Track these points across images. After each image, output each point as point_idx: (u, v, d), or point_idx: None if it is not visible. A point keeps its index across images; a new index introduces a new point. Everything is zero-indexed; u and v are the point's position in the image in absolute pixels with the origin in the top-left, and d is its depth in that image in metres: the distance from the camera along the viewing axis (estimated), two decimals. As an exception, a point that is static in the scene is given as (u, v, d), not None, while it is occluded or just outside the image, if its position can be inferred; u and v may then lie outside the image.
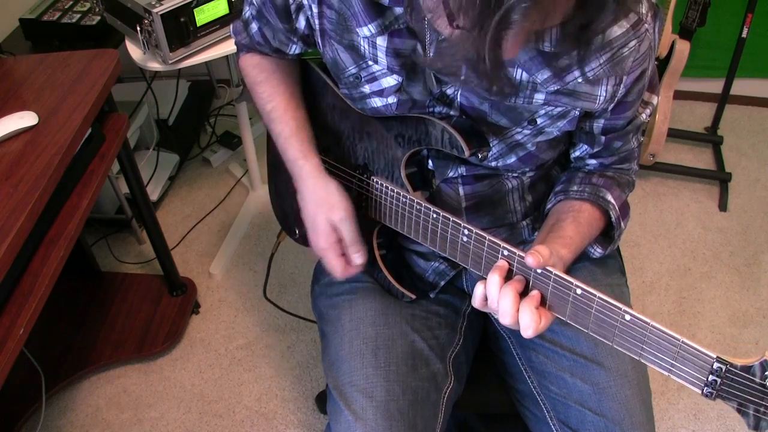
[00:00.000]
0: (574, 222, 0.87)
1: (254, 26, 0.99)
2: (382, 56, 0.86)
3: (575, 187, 0.93)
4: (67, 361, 1.73)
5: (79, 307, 1.86)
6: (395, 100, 0.88)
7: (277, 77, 1.01)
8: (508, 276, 0.77)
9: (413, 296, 0.99)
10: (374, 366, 0.93)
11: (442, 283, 1.03)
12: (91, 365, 1.73)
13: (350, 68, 0.90)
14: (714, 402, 1.59)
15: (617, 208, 0.91)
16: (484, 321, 1.11)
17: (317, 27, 0.90)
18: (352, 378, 0.93)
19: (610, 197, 0.91)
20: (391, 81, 0.87)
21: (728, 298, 1.87)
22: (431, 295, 1.04)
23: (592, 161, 0.96)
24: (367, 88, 0.90)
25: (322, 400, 1.65)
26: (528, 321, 0.73)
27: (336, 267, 0.93)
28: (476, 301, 0.78)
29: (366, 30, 0.85)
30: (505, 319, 0.75)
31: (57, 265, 1.17)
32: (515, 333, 1.04)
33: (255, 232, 2.15)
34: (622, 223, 0.93)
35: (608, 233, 0.96)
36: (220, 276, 2.01)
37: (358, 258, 0.92)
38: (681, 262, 1.98)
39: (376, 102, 0.90)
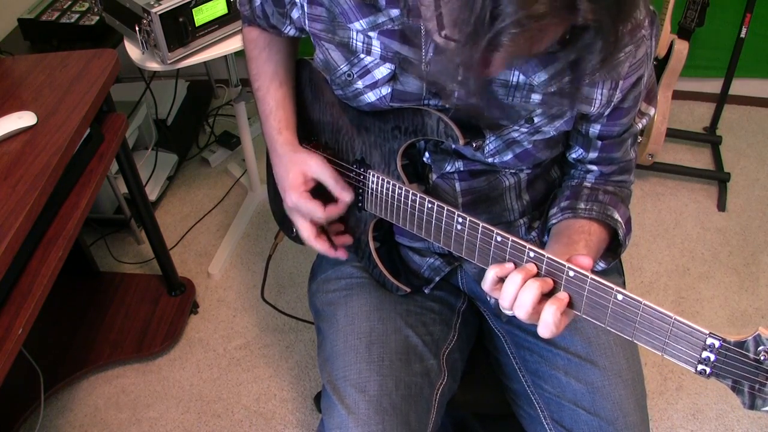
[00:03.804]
0: (586, 246, 0.87)
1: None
2: (376, 44, 0.86)
3: (582, 205, 0.92)
4: (66, 361, 1.73)
5: (77, 307, 1.86)
6: (389, 90, 0.88)
7: (266, 55, 1.03)
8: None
9: (407, 289, 1.00)
10: (368, 361, 0.93)
11: (437, 278, 1.03)
12: (90, 365, 1.73)
13: (342, 66, 0.90)
14: (713, 403, 1.61)
15: (623, 225, 0.92)
16: (480, 319, 1.11)
17: (308, 28, 0.92)
18: (345, 373, 0.93)
19: (617, 216, 0.91)
20: (384, 71, 0.88)
21: (727, 298, 1.87)
22: (426, 291, 1.04)
23: (593, 167, 0.96)
24: (359, 84, 0.90)
25: (320, 400, 1.65)
26: (549, 319, 0.71)
27: (314, 212, 0.93)
28: (486, 284, 0.76)
29: (358, 25, 0.86)
30: (520, 311, 0.73)
31: (56, 265, 1.17)
32: (510, 332, 1.04)
33: (254, 231, 2.15)
34: (626, 240, 0.93)
35: (610, 248, 0.96)
36: (219, 276, 2.01)
37: (346, 195, 0.93)
38: (680, 262, 1.98)
39: (370, 97, 0.90)
